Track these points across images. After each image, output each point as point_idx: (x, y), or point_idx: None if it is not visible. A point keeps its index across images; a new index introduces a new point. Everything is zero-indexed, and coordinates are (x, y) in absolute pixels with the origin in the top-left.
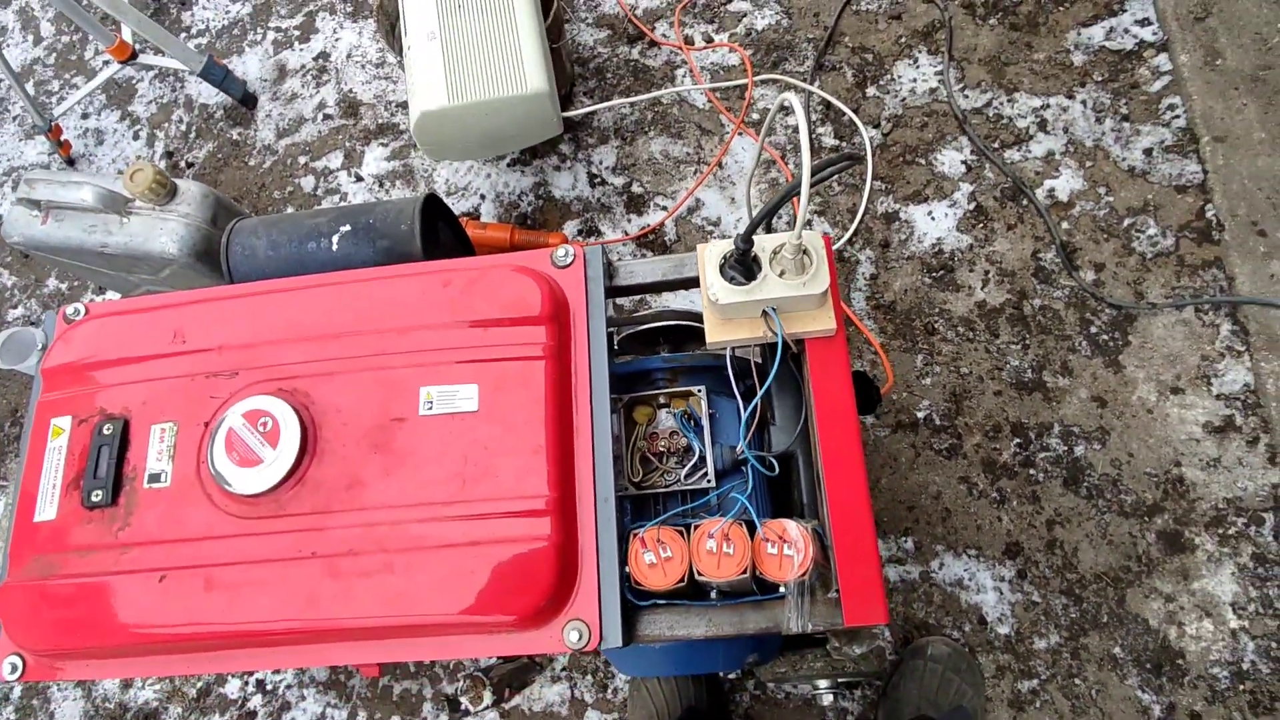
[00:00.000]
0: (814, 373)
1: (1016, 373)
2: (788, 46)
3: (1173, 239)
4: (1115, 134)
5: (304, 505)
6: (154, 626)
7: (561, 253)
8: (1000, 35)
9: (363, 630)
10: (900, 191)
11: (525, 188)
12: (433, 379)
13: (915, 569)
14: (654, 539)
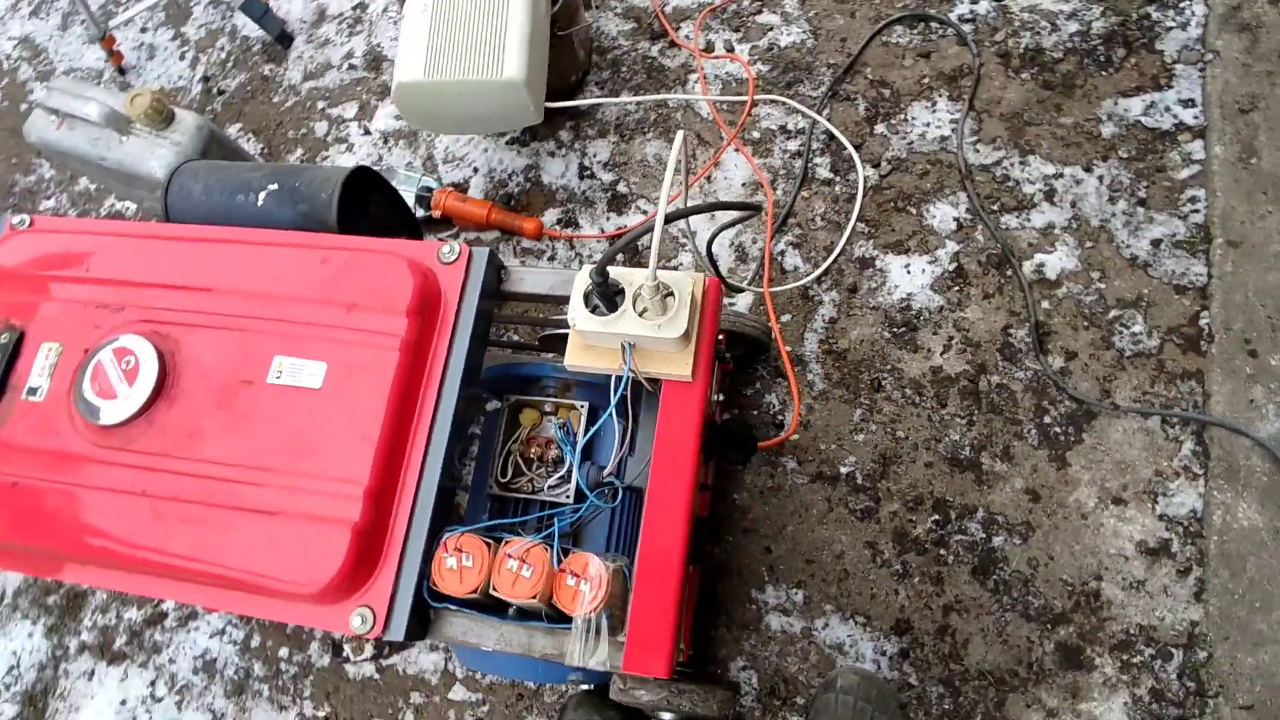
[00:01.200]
0: (662, 416)
1: (954, 447)
2: (806, 68)
3: (1157, 341)
4: (1126, 218)
5: (148, 445)
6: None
7: (447, 249)
8: (1030, 92)
9: (174, 570)
10: (883, 238)
11: (517, 168)
12: (287, 350)
13: (799, 623)
14: (456, 546)
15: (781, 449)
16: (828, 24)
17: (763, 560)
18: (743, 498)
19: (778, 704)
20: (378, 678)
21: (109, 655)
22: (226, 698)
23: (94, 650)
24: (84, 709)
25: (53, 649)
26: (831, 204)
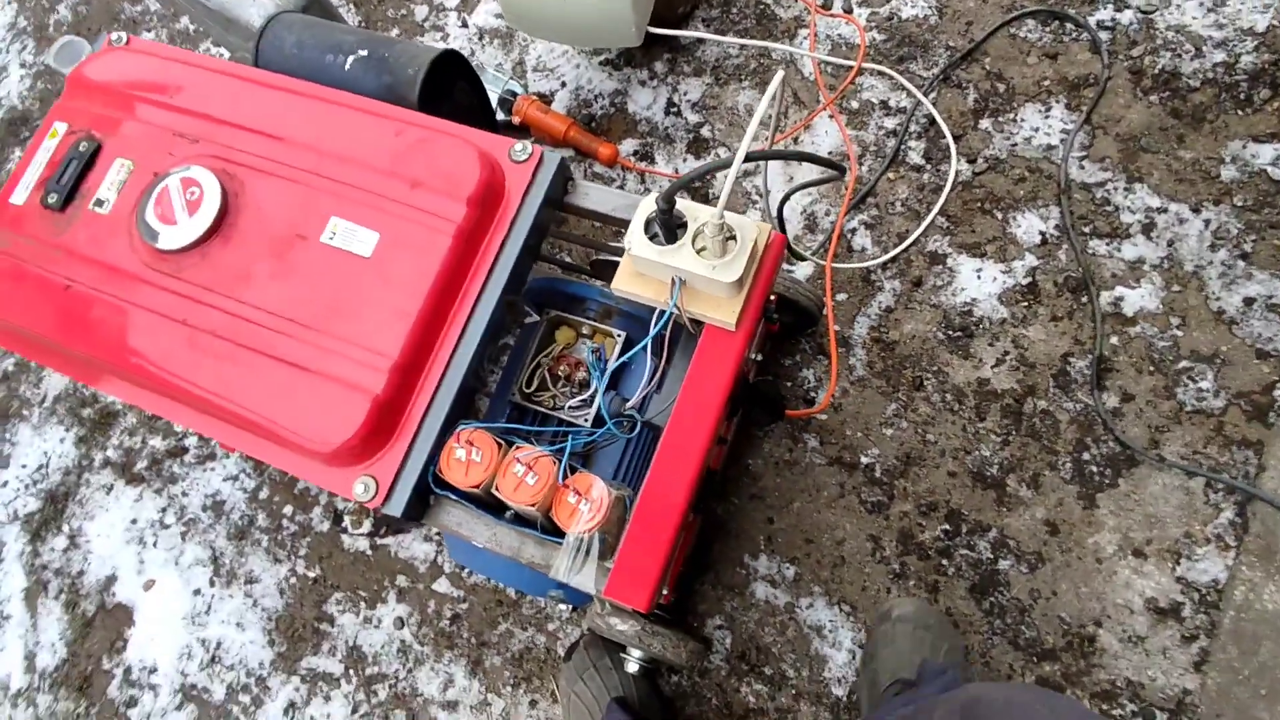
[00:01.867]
0: (697, 358)
1: (982, 463)
2: (923, 46)
3: (1223, 402)
4: (1224, 268)
5: (196, 276)
6: (52, 323)
7: (520, 147)
8: (1154, 116)
9: (199, 400)
10: (961, 237)
11: (605, 91)
12: (345, 213)
13: (784, 597)
14: (469, 439)
15: (807, 425)
16: (956, 3)
17: (763, 529)
18: (757, 464)
19: (745, 669)
20: (370, 554)
21: (129, 476)
22: (228, 539)
23: (116, 468)
24: (97, 519)
25: (80, 458)
26: (916, 191)
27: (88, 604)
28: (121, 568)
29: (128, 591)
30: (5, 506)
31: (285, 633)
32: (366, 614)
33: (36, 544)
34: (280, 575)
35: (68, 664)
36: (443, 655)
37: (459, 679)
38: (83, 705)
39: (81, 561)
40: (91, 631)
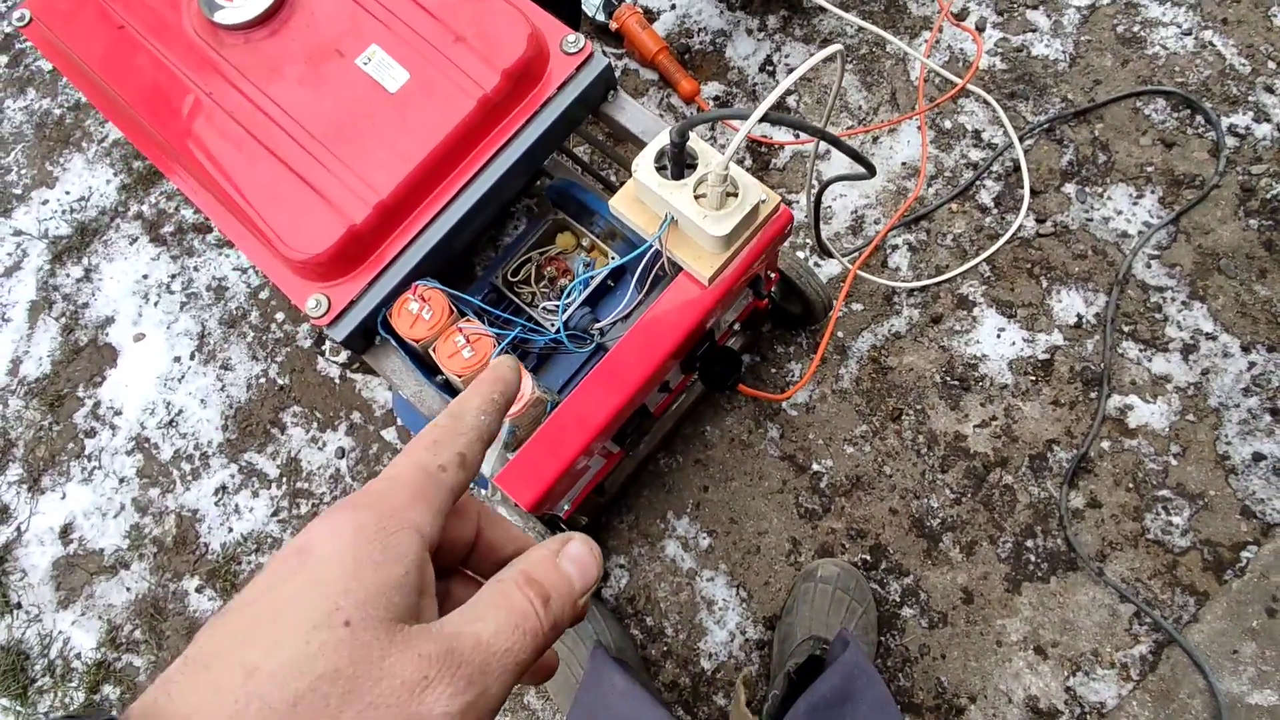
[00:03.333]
0: (662, 298)
1: (926, 512)
2: (1041, 89)
3: (1188, 543)
4: (1247, 416)
5: (233, 57)
6: (98, 56)
7: (573, 39)
8: (1246, 241)
9: (198, 168)
10: (997, 291)
11: (711, 27)
12: (386, 44)
13: (690, 562)
14: (424, 295)
15: (774, 414)
16: (1094, 58)
17: (696, 495)
18: (713, 434)
19: (631, 611)
20: (337, 382)
21: (154, 235)
22: (219, 323)
23: (146, 223)
24: (114, 262)
25: (118, 203)
26: (972, 230)
27: (82, 334)
28: (121, 314)
29: (119, 336)
30: (40, 223)
31: (240, 424)
32: (315, 434)
33: (55, 266)
34: (253, 372)
35: (48, 380)
36: None
37: None
38: (48, 420)
39: (89, 295)
40: (78, 359)
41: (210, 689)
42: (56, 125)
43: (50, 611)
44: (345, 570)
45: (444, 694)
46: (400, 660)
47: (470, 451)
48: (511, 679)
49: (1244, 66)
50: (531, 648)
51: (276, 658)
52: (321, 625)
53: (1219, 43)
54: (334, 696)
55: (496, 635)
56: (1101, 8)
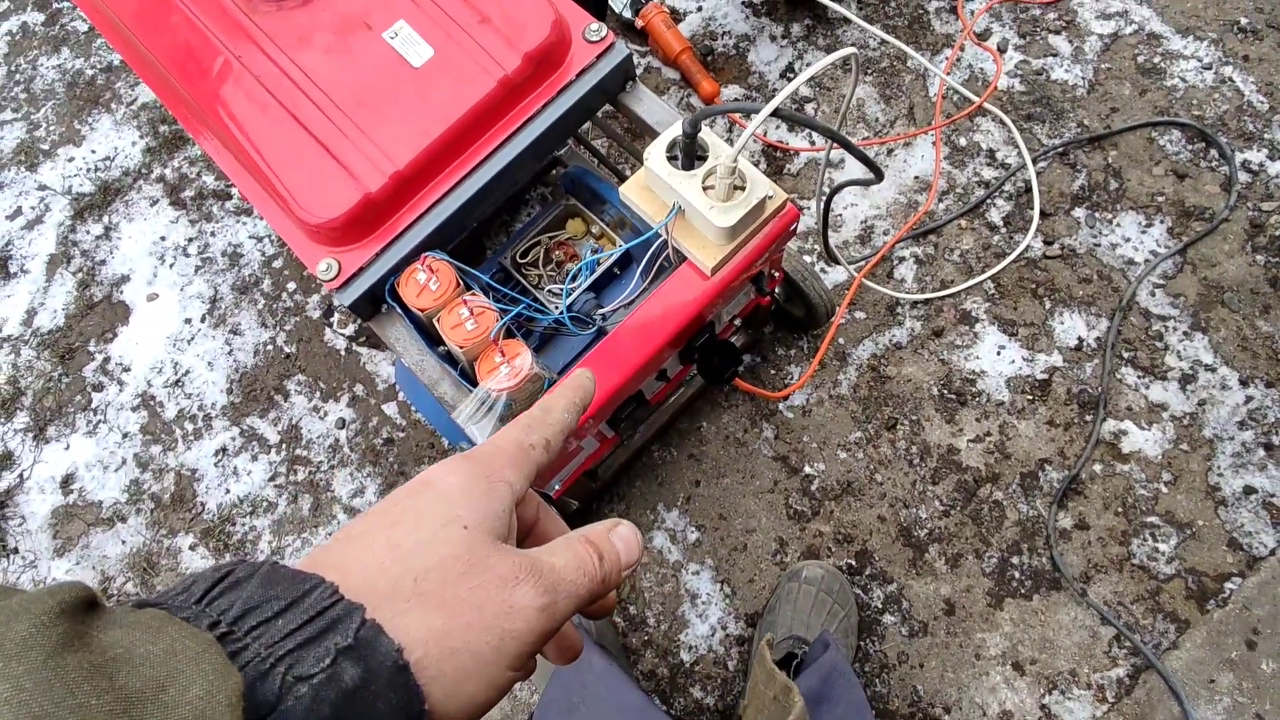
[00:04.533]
0: (664, 286)
1: (914, 521)
2: (1058, 113)
3: (1173, 570)
4: (1240, 449)
5: (265, 24)
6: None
7: (595, 28)
8: (1251, 276)
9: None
10: (1000, 309)
11: (736, 31)
12: (413, 21)
13: (677, 555)
14: (432, 266)
15: (770, 415)
16: (1112, 86)
17: (687, 489)
18: (709, 430)
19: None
20: (342, 354)
21: (174, 198)
22: (231, 289)
23: (167, 186)
24: (134, 222)
25: (141, 165)
26: (980, 248)
27: (97, 290)
28: (136, 273)
29: (133, 294)
30: (64, 179)
31: (244, 388)
32: (318, 404)
33: (76, 222)
34: (261, 339)
35: (60, 332)
36: (365, 467)
37: (369, 493)
38: (58, 371)
39: (107, 253)
40: (91, 314)
41: (361, 550)
42: (88, 85)
43: (46, 559)
44: (462, 495)
45: (530, 591)
46: (501, 560)
47: (553, 439)
48: (573, 604)
49: (1262, 104)
50: (588, 587)
51: (414, 538)
52: (448, 524)
53: (1238, 79)
54: (454, 573)
55: (565, 567)
56: (1124, 37)
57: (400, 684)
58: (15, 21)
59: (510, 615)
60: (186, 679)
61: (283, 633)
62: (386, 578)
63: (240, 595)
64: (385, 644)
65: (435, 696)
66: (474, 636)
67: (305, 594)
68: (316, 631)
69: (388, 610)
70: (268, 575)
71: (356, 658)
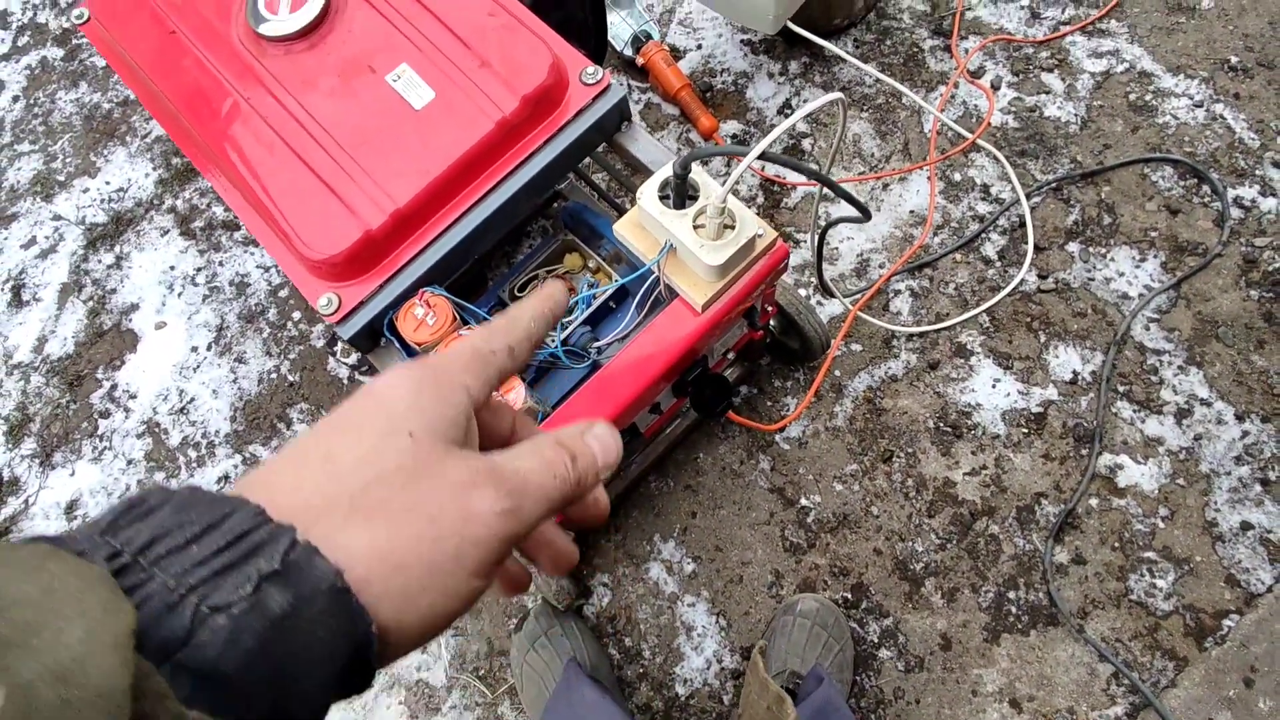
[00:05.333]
0: (657, 322)
1: (910, 555)
2: (1051, 149)
3: (1171, 607)
4: (1238, 484)
5: (272, 66)
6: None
7: (591, 71)
8: (1245, 311)
9: (230, 168)
10: (995, 343)
11: (734, 69)
12: (415, 64)
13: (673, 587)
14: (430, 301)
15: (766, 446)
16: (1105, 123)
17: (683, 520)
18: (705, 461)
19: (610, 631)
20: (346, 383)
21: (184, 229)
22: (238, 317)
23: (178, 217)
24: (144, 252)
25: (154, 196)
26: (974, 281)
27: (107, 318)
28: (146, 301)
29: (142, 323)
30: (79, 209)
31: (248, 416)
32: None
33: (89, 252)
34: (266, 367)
35: (70, 359)
36: None
37: None
38: (66, 398)
39: (118, 281)
40: (100, 342)
41: (294, 467)
42: (104, 119)
43: None
44: (408, 402)
45: (488, 496)
46: (454, 467)
47: (518, 347)
48: (542, 509)
49: (1253, 140)
50: (559, 490)
51: (352, 452)
52: (389, 434)
53: (1229, 116)
54: (398, 484)
55: (532, 471)
56: (1115, 75)
57: (340, 608)
58: (35, 56)
59: (468, 521)
60: (64, 620)
61: (195, 560)
62: (321, 494)
63: (150, 522)
64: (320, 567)
65: (386, 613)
66: (426, 547)
67: (224, 517)
68: (237, 557)
69: (323, 528)
70: (184, 500)
71: (285, 583)
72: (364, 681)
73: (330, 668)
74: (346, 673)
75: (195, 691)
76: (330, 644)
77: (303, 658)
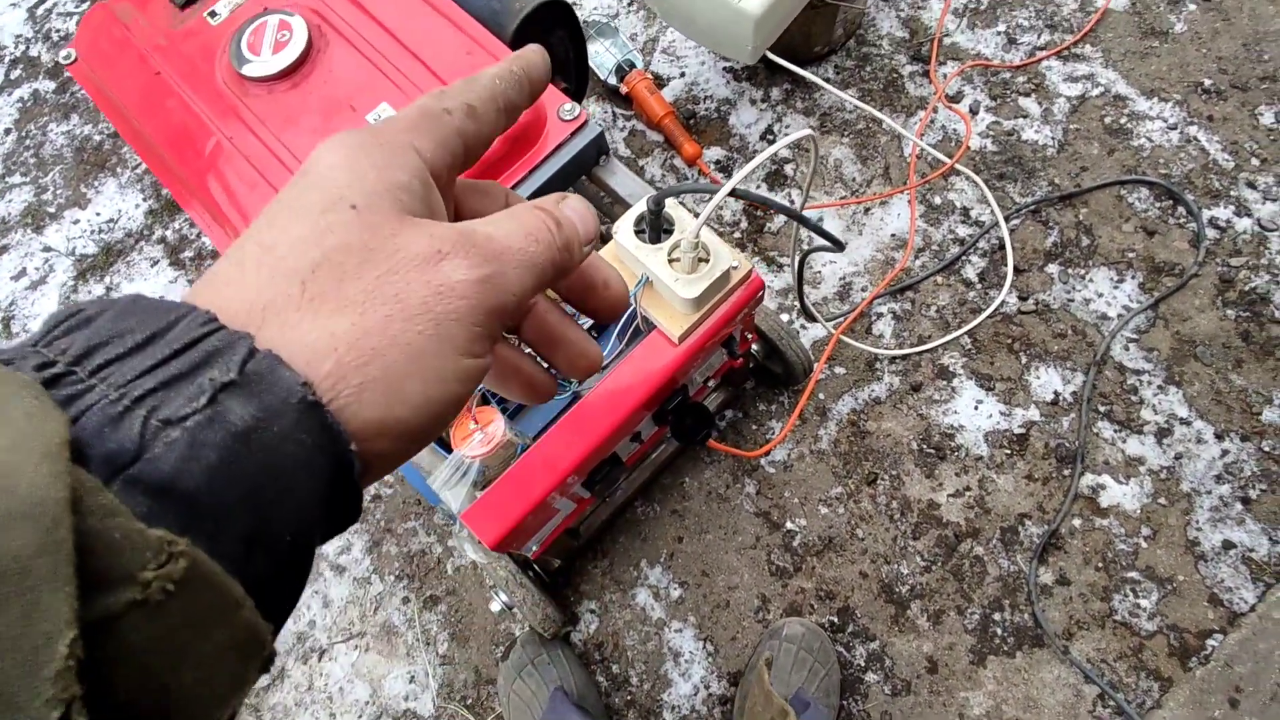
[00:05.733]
0: (635, 353)
1: (895, 578)
2: (1029, 172)
3: (1155, 627)
4: (1218, 503)
5: (255, 106)
6: (134, 96)
7: (569, 108)
8: (1223, 330)
9: (213, 205)
10: (977, 364)
11: (717, 95)
12: (394, 102)
13: (660, 612)
14: None
15: (752, 470)
16: (1081, 145)
17: (669, 545)
18: (691, 485)
19: (598, 658)
20: None
21: (174, 258)
22: None
23: (168, 247)
24: (135, 282)
25: (144, 227)
26: (956, 304)
27: None
28: None
29: None
30: (69, 241)
31: None
32: None
33: (79, 282)
34: None
35: None
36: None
37: (355, 549)
38: None
39: None
40: None
41: (232, 268)
42: (95, 150)
43: None
44: (347, 172)
45: (461, 264)
46: (413, 238)
47: (481, 106)
48: (529, 277)
49: (1227, 162)
50: (546, 255)
51: (290, 235)
52: (329, 210)
53: (1203, 138)
54: (349, 265)
55: (510, 235)
56: (1091, 99)
57: (313, 423)
58: (27, 89)
59: (441, 295)
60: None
61: (139, 370)
62: (267, 289)
63: (86, 331)
64: (285, 377)
65: (370, 411)
66: (398, 329)
67: (171, 325)
68: (187, 367)
69: (276, 326)
70: (125, 308)
71: (247, 394)
72: (351, 508)
73: (311, 486)
74: (330, 495)
75: (156, 510)
76: (308, 461)
77: (278, 475)
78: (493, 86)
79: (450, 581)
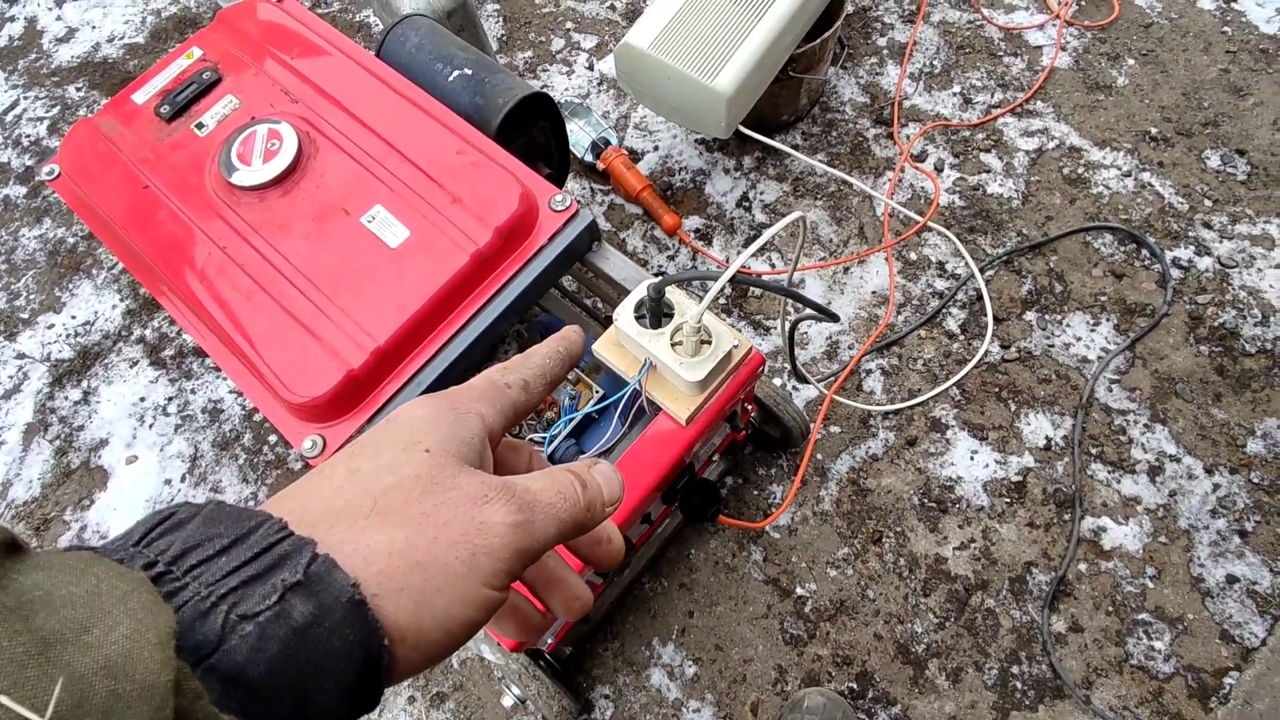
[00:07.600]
0: (643, 437)
1: (910, 637)
2: (998, 224)
3: (1171, 668)
4: (1217, 538)
5: (248, 215)
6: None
7: (560, 199)
8: (1199, 366)
9: (208, 316)
10: (968, 415)
11: (691, 167)
12: (389, 205)
13: (676, 692)
14: None
15: (756, 537)
16: (1044, 196)
17: (680, 620)
18: (698, 557)
19: None
20: None
21: (153, 358)
22: (212, 445)
23: (147, 347)
24: (114, 385)
25: (121, 328)
26: (941, 356)
27: (75, 457)
28: (115, 436)
29: (112, 459)
30: (44, 346)
31: None
32: None
33: (55, 389)
34: (244, 494)
35: (36, 503)
36: None
37: None
38: (34, 544)
39: (85, 418)
40: (68, 482)
41: (319, 481)
42: (69, 253)
43: None
44: (426, 423)
45: (501, 509)
46: (468, 481)
47: (533, 382)
48: (554, 527)
49: (1182, 204)
50: (570, 511)
51: (373, 463)
52: (408, 448)
53: (1157, 183)
54: (415, 491)
55: (543, 491)
56: (1048, 151)
57: (357, 620)
58: None
59: (481, 531)
60: (112, 619)
61: (225, 570)
62: (342, 499)
63: (180, 535)
64: (339, 579)
65: (404, 615)
66: (441, 550)
67: (250, 531)
68: (263, 568)
69: (343, 530)
70: (211, 514)
71: (307, 593)
72: (372, 697)
73: (344, 677)
74: (357, 684)
75: (225, 695)
76: (346, 653)
77: (321, 665)
78: (543, 365)
79: (457, 676)
